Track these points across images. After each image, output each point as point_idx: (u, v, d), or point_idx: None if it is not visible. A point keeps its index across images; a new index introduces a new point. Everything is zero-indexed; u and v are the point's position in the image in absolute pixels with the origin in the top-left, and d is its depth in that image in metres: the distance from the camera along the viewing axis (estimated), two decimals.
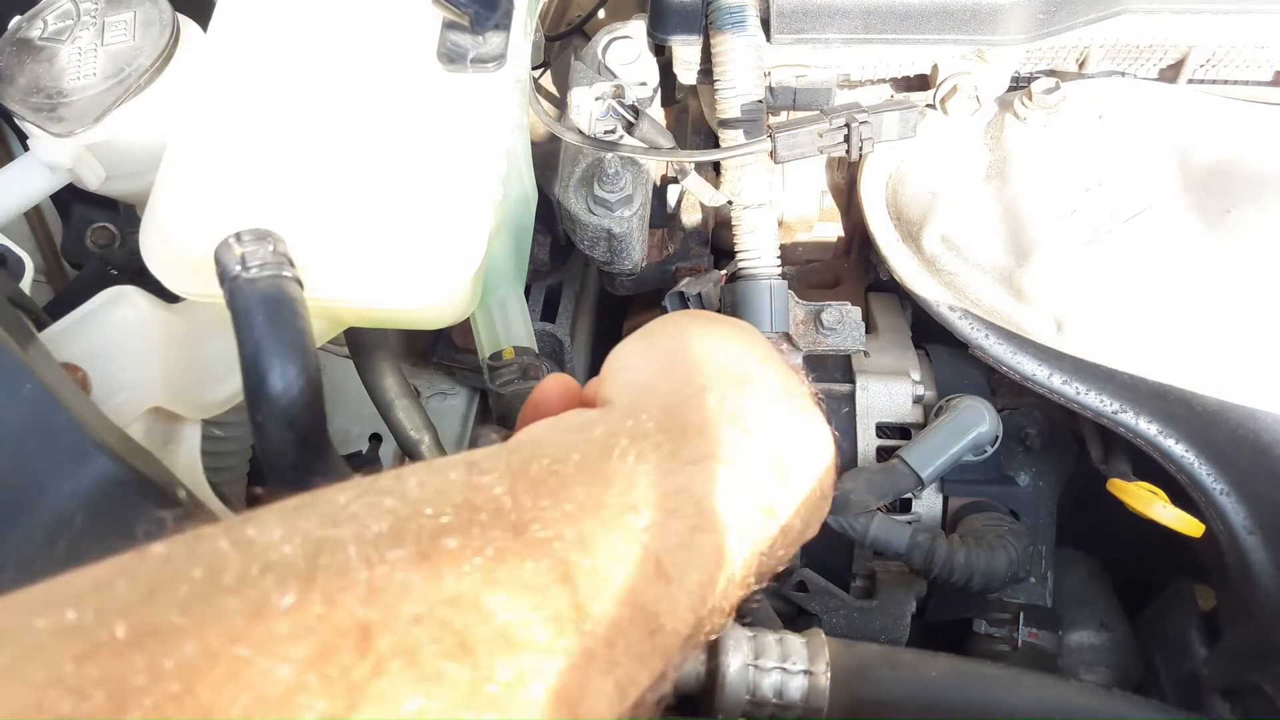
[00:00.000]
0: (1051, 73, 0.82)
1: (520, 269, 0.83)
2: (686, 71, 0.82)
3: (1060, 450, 0.86)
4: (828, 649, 0.56)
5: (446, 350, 0.98)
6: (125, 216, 0.92)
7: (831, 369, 0.83)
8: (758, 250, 0.76)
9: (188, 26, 0.74)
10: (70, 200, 0.91)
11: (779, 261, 0.77)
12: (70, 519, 0.52)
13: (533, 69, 0.78)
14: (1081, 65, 0.82)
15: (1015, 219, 0.76)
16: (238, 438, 0.79)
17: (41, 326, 0.66)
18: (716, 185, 0.80)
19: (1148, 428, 0.73)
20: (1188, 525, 0.71)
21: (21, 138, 0.78)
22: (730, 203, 0.77)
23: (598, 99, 0.76)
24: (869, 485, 0.74)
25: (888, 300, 0.92)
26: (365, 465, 0.97)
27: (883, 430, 0.82)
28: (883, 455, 0.81)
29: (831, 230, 0.97)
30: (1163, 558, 0.81)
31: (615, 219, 0.78)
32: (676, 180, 0.88)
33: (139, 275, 0.67)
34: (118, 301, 0.67)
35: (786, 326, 0.77)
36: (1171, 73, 0.81)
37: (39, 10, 0.73)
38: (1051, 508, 0.85)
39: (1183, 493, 0.73)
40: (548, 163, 0.83)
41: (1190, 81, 0.81)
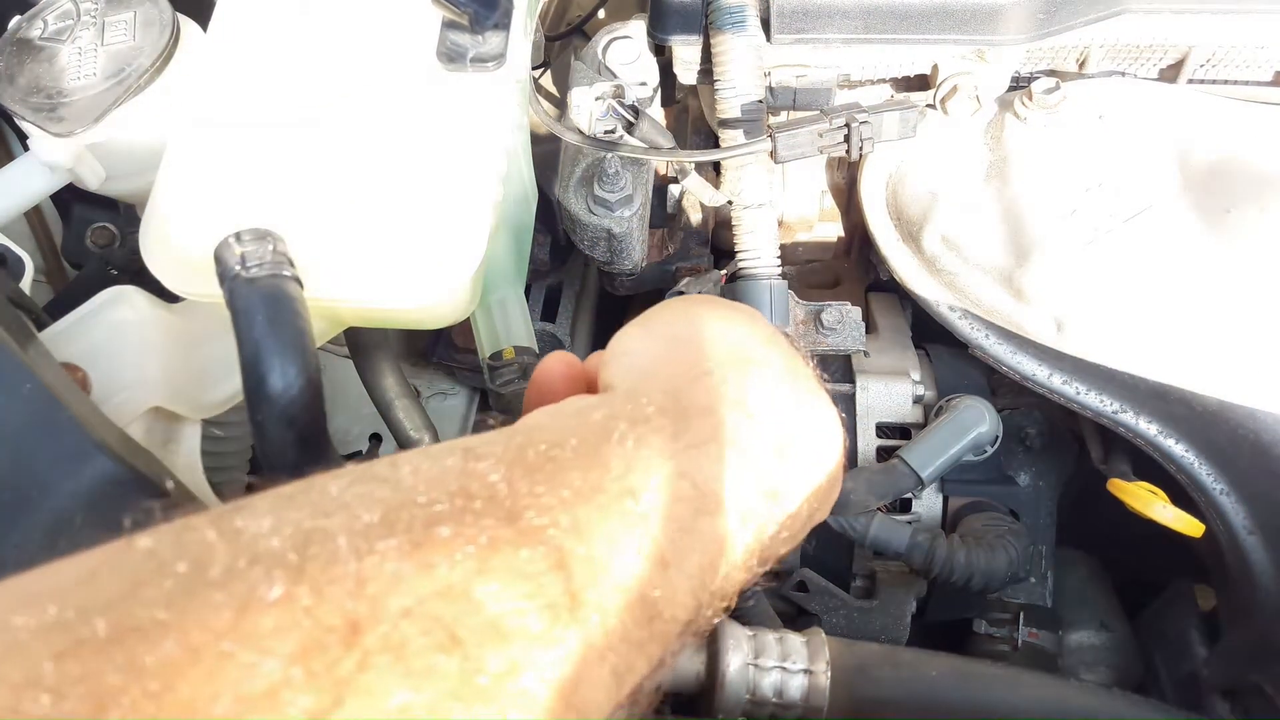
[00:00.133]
0: (1051, 73, 0.82)
1: (520, 269, 0.83)
2: (686, 71, 0.82)
3: (1060, 450, 0.86)
4: (828, 648, 0.56)
5: (446, 350, 0.98)
6: (125, 216, 0.92)
7: (831, 369, 0.83)
8: (758, 250, 0.76)
9: (188, 26, 0.74)
10: (70, 200, 0.91)
11: (779, 261, 0.77)
12: (70, 519, 0.52)
13: (533, 69, 0.78)
14: (1081, 65, 0.82)
15: (1015, 219, 0.76)
16: (238, 438, 0.79)
17: (41, 326, 0.66)
18: (716, 185, 0.80)
19: (1148, 428, 0.73)
20: (1188, 525, 0.71)
21: (21, 138, 0.78)
22: (730, 203, 0.77)
23: (598, 99, 0.76)
24: (869, 485, 0.74)
25: (888, 300, 0.92)
26: None
27: (883, 430, 0.82)
28: (883, 455, 0.81)
29: (831, 230, 0.97)
30: (1163, 558, 0.81)
31: (615, 219, 0.78)
32: (676, 180, 0.88)
33: (139, 275, 0.67)
34: (118, 301, 0.67)
35: (786, 326, 0.77)
36: (1171, 73, 0.81)
37: (39, 10, 0.73)
38: (1051, 508, 0.85)
39: (1183, 493, 0.73)
40: (548, 163, 0.83)
41: (1190, 81, 0.81)
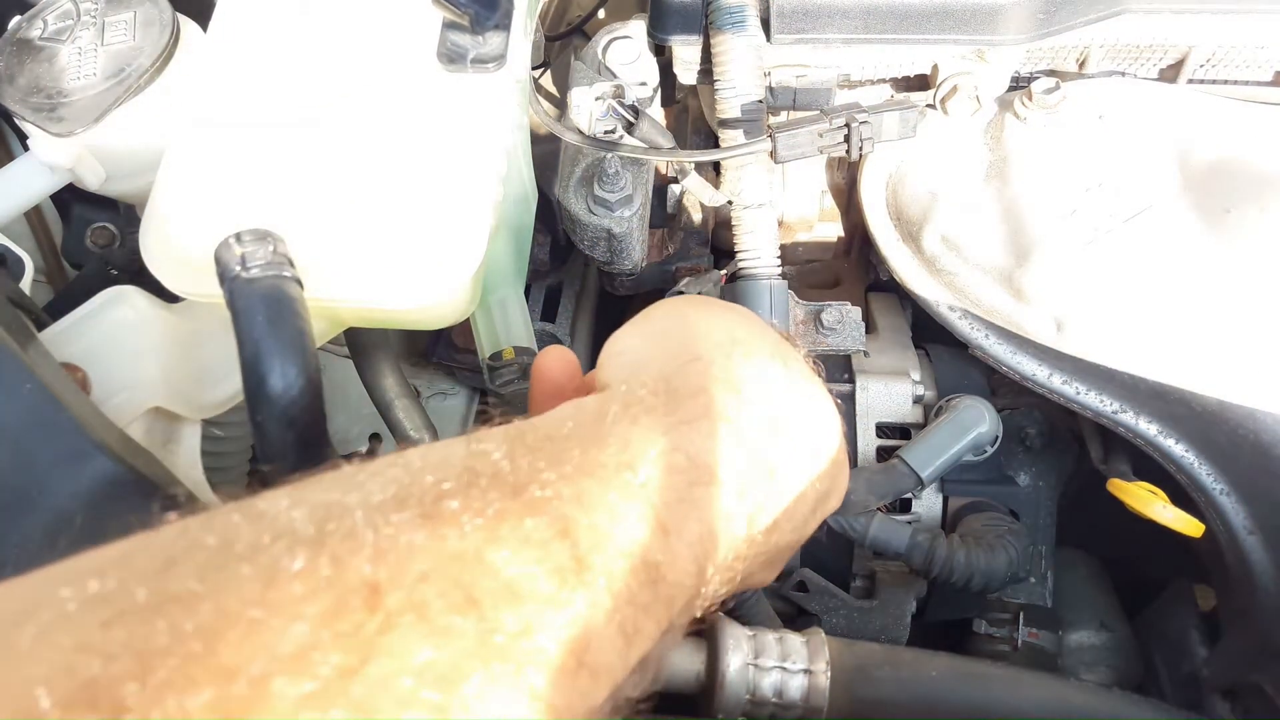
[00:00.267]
0: (1051, 73, 0.82)
1: (520, 269, 0.83)
2: (686, 71, 0.82)
3: (1060, 450, 0.86)
4: (827, 648, 0.56)
5: (446, 350, 0.98)
6: (125, 216, 0.92)
7: (831, 369, 0.83)
8: (758, 250, 0.76)
9: (188, 26, 0.74)
10: (70, 200, 0.91)
11: (779, 261, 0.77)
12: (70, 519, 0.52)
13: (533, 69, 0.78)
14: (1081, 65, 0.82)
15: (1015, 219, 0.76)
16: (238, 438, 0.79)
17: (41, 326, 0.66)
18: (716, 185, 0.80)
19: (1148, 428, 0.73)
20: (1188, 525, 0.71)
21: (21, 138, 0.78)
22: (730, 203, 0.77)
23: (598, 99, 0.76)
24: (869, 485, 0.74)
25: (888, 300, 0.92)
26: None
27: (883, 430, 0.82)
28: (883, 455, 0.81)
29: (831, 230, 0.97)
30: (1163, 558, 0.81)
31: (615, 219, 0.78)
32: (676, 180, 0.88)
33: (139, 275, 0.67)
34: (118, 301, 0.67)
35: (786, 326, 0.77)
36: (1171, 73, 0.81)
37: (39, 10, 0.73)
38: (1051, 508, 0.85)
39: (1183, 493, 0.73)
40: (548, 163, 0.83)
41: (1190, 81, 0.81)
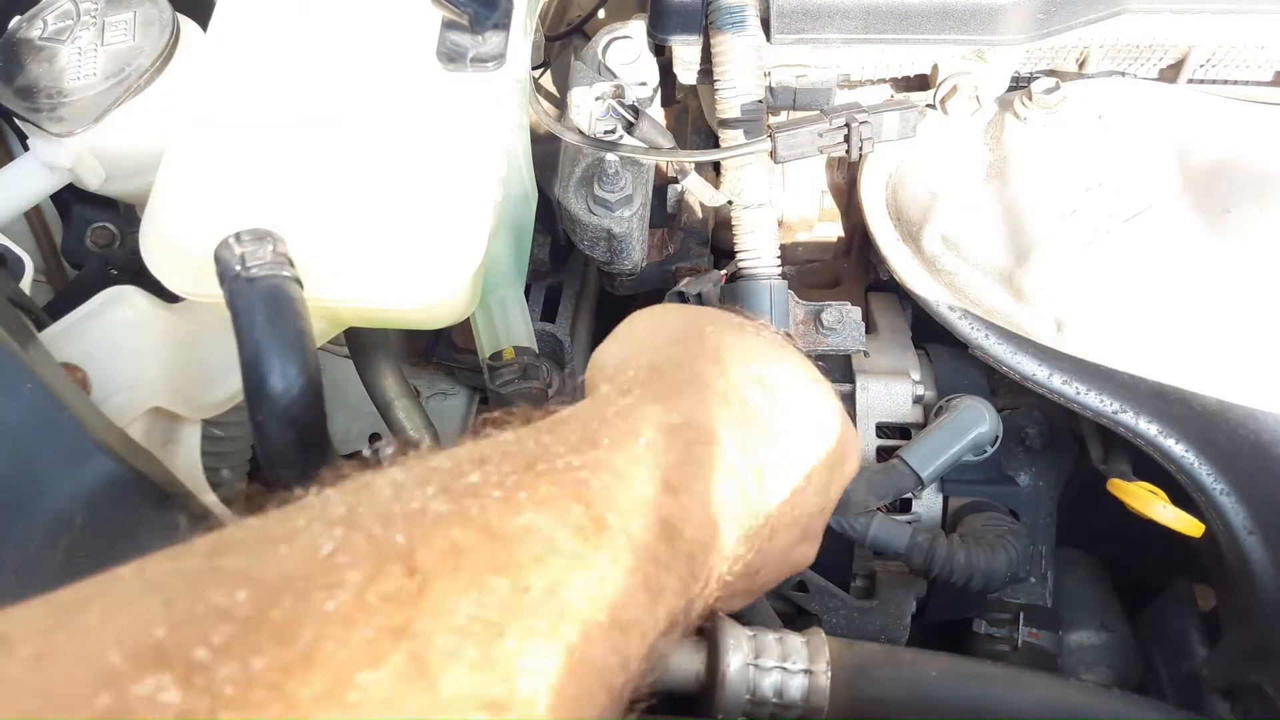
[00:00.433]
0: (1051, 73, 0.82)
1: (520, 269, 0.83)
2: (686, 71, 0.82)
3: (1060, 450, 0.86)
4: (828, 648, 0.56)
5: (446, 350, 0.98)
6: (125, 216, 0.92)
7: (831, 369, 0.83)
8: (758, 250, 0.76)
9: (188, 26, 0.74)
10: (70, 200, 0.91)
11: (779, 261, 0.77)
12: (70, 519, 0.52)
13: (533, 69, 0.78)
14: (1081, 65, 0.82)
15: (1015, 219, 0.76)
16: (238, 438, 0.79)
17: (41, 326, 0.66)
18: (716, 185, 0.80)
19: (1148, 428, 0.73)
20: (1188, 525, 0.71)
21: (21, 138, 0.78)
22: (730, 203, 0.77)
23: (598, 99, 0.76)
24: (869, 485, 0.74)
25: (888, 300, 0.92)
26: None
27: (883, 430, 0.82)
28: (883, 455, 0.81)
29: (831, 230, 0.97)
30: (1163, 558, 0.81)
31: (615, 219, 0.78)
32: (676, 180, 0.88)
33: (139, 275, 0.67)
34: (118, 301, 0.67)
35: (787, 326, 0.77)
36: (1171, 73, 0.81)
37: (39, 10, 0.73)
38: (1051, 508, 0.85)
39: (1183, 493, 0.73)
40: (548, 163, 0.83)
41: (1190, 81, 0.81)
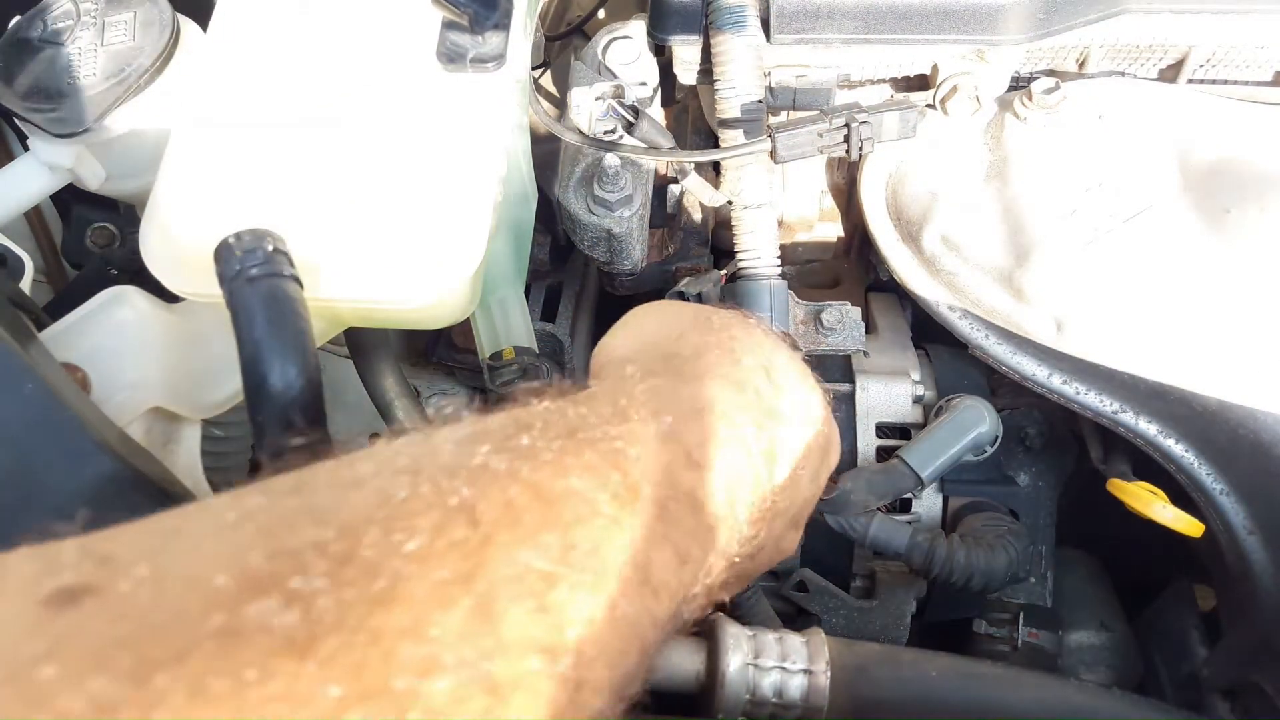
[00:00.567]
0: (1051, 73, 0.82)
1: (520, 269, 0.83)
2: (686, 71, 0.82)
3: (1060, 450, 0.86)
4: (827, 648, 0.56)
5: (446, 350, 0.98)
6: (125, 216, 0.92)
7: (831, 369, 0.83)
8: (758, 250, 0.76)
9: (188, 26, 0.74)
10: (70, 200, 0.91)
11: (779, 261, 0.77)
12: (70, 518, 0.52)
13: (533, 69, 0.78)
14: (1081, 65, 0.82)
15: (1015, 219, 0.76)
16: (238, 438, 0.79)
17: (41, 326, 0.66)
18: (716, 185, 0.80)
19: (1148, 428, 0.73)
20: (1188, 525, 0.71)
21: (21, 138, 0.78)
22: (730, 203, 0.77)
23: (598, 99, 0.76)
24: (869, 485, 0.74)
25: (888, 300, 0.92)
26: None
27: (883, 430, 0.82)
28: (883, 455, 0.81)
29: (831, 230, 0.97)
30: (1163, 558, 0.81)
31: (615, 219, 0.78)
32: (676, 180, 0.88)
33: (139, 275, 0.67)
34: (118, 301, 0.67)
35: (786, 326, 0.77)
36: (1171, 73, 0.81)
37: (39, 10, 0.73)
38: (1051, 508, 0.85)
39: (1183, 493, 0.73)
40: (548, 163, 0.83)
41: (1190, 81, 0.81)
